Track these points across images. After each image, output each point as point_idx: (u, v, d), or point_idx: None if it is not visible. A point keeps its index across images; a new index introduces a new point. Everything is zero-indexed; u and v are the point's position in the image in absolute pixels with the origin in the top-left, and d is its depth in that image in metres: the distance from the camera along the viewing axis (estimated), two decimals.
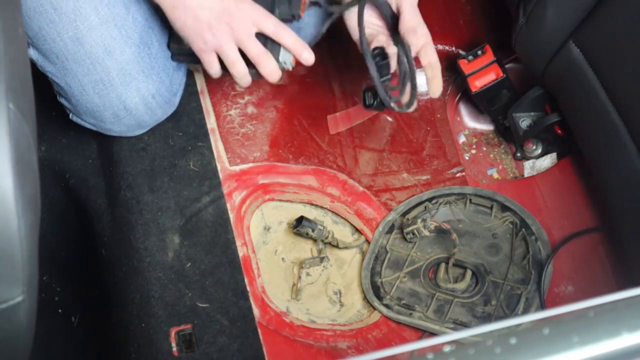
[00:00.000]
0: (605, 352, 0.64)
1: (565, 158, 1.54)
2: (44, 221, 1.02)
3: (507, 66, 1.55)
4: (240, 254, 1.37)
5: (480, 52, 1.50)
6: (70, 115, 1.40)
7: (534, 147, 1.56)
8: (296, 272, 1.44)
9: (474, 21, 1.67)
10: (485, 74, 1.50)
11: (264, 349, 1.29)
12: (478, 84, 1.49)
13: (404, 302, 1.40)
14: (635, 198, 1.30)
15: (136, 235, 1.36)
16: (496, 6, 1.64)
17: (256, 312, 1.32)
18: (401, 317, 1.39)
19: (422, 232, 1.44)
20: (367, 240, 1.48)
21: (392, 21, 1.33)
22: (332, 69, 1.64)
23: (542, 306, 1.38)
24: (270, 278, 1.41)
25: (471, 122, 1.63)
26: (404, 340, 1.39)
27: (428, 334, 1.38)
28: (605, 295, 0.69)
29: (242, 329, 1.30)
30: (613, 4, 1.28)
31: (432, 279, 1.43)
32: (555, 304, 1.40)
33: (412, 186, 1.54)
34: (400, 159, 1.56)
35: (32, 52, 1.31)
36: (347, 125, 1.59)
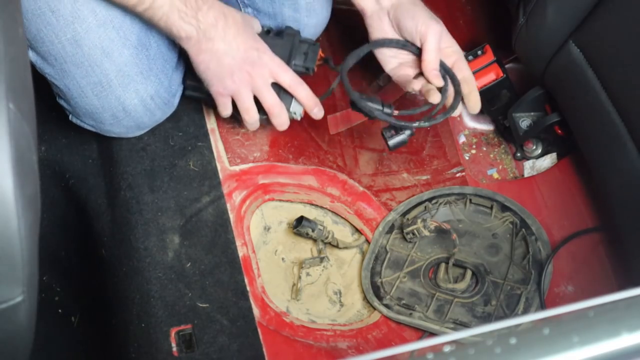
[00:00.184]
0: (605, 352, 0.64)
1: (565, 158, 1.54)
2: (44, 221, 1.02)
3: (507, 66, 1.55)
4: (240, 254, 1.37)
5: (480, 52, 1.50)
6: (70, 117, 1.40)
7: (534, 147, 1.56)
8: (296, 272, 1.44)
9: (474, 21, 1.67)
10: (485, 74, 1.50)
11: (264, 349, 1.28)
12: (478, 84, 1.49)
13: (404, 302, 1.40)
14: (635, 198, 1.30)
15: (136, 235, 1.36)
16: (496, 6, 1.64)
17: (256, 312, 1.32)
18: (401, 317, 1.39)
19: (422, 232, 1.43)
20: (367, 240, 1.48)
21: (418, 52, 1.34)
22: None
23: (542, 306, 1.38)
24: (270, 278, 1.41)
25: (471, 122, 1.63)
26: (404, 340, 1.39)
27: (428, 334, 1.38)
28: (605, 295, 0.69)
29: (242, 329, 1.30)
30: (613, 4, 1.28)
31: (432, 279, 1.43)
32: (555, 304, 1.40)
33: (412, 186, 1.53)
34: (400, 159, 1.56)
35: (31, 54, 1.31)
36: (347, 125, 1.59)
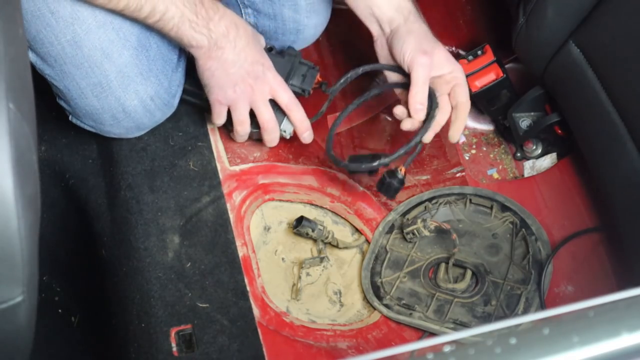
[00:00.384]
0: (605, 352, 0.64)
1: (565, 158, 1.54)
2: (44, 221, 1.02)
3: (507, 66, 1.54)
4: (240, 254, 1.37)
5: (480, 52, 1.50)
6: (70, 117, 1.40)
7: (534, 147, 1.56)
8: (296, 272, 1.44)
9: (474, 21, 1.67)
10: (485, 74, 1.49)
11: (264, 349, 1.28)
12: (478, 84, 1.49)
13: (404, 302, 1.40)
14: (635, 198, 1.30)
15: (136, 235, 1.36)
16: (496, 6, 1.64)
17: (256, 312, 1.32)
18: (401, 317, 1.39)
19: (422, 232, 1.43)
20: (367, 240, 1.48)
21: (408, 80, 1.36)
22: (332, 67, 1.64)
23: (542, 306, 1.38)
24: (270, 278, 1.41)
25: (471, 122, 1.63)
26: (404, 340, 1.39)
27: (428, 334, 1.38)
28: (605, 295, 0.69)
29: (242, 329, 1.30)
30: (613, 4, 1.28)
31: (432, 279, 1.43)
32: (555, 304, 1.40)
33: (412, 186, 1.53)
34: (400, 159, 1.56)
35: (31, 55, 1.31)
36: (347, 126, 1.59)
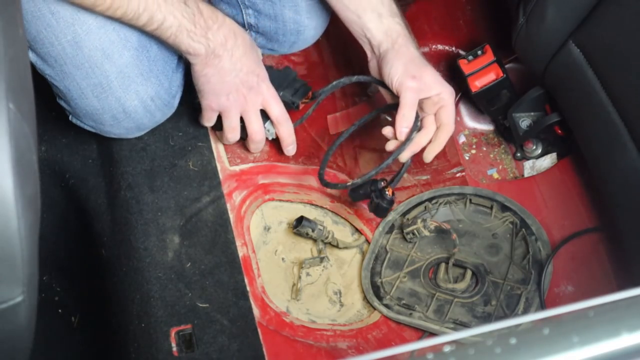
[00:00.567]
0: (605, 352, 0.64)
1: (565, 158, 1.54)
2: (44, 221, 1.02)
3: (507, 66, 1.54)
4: (240, 254, 1.37)
5: (480, 52, 1.49)
6: (70, 117, 1.40)
7: (534, 147, 1.56)
8: (296, 272, 1.44)
9: (474, 21, 1.67)
10: (485, 74, 1.49)
11: (264, 349, 1.28)
12: (478, 84, 1.49)
13: (404, 302, 1.40)
14: (635, 198, 1.30)
15: (136, 235, 1.36)
16: (496, 6, 1.64)
17: (256, 312, 1.32)
18: (401, 317, 1.39)
19: (422, 232, 1.43)
20: (367, 240, 1.48)
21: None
22: (333, 68, 1.64)
23: (542, 306, 1.38)
24: (270, 278, 1.41)
25: (471, 122, 1.63)
26: (404, 340, 1.39)
27: (428, 334, 1.38)
28: (605, 295, 0.69)
29: (242, 329, 1.30)
30: (613, 4, 1.27)
31: (432, 279, 1.43)
32: (555, 304, 1.40)
33: (412, 186, 1.53)
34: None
35: (31, 55, 1.31)
36: (347, 125, 1.59)
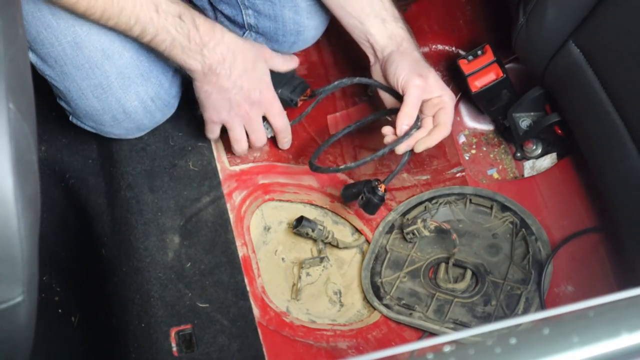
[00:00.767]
0: (605, 352, 0.64)
1: (565, 158, 1.54)
2: (44, 221, 1.01)
3: (507, 66, 1.54)
4: (240, 254, 1.37)
5: (480, 52, 1.49)
6: (70, 118, 1.40)
7: (534, 147, 1.56)
8: (296, 272, 1.44)
9: (474, 21, 1.67)
10: (485, 74, 1.49)
11: (264, 349, 1.28)
12: (478, 84, 1.49)
13: (404, 302, 1.40)
14: (635, 198, 1.30)
15: (136, 235, 1.36)
16: (496, 6, 1.64)
17: (256, 312, 1.32)
18: (401, 317, 1.39)
19: (422, 232, 1.43)
20: (367, 240, 1.48)
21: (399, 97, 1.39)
22: (333, 68, 1.64)
23: (542, 306, 1.38)
24: (270, 278, 1.41)
25: (471, 122, 1.63)
26: (404, 340, 1.39)
27: (428, 334, 1.38)
28: (605, 295, 0.69)
29: (242, 329, 1.30)
30: (613, 4, 1.27)
31: (432, 279, 1.43)
32: (555, 304, 1.40)
33: (412, 186, 1.53)
34: (400, 159, 1.56)
35: (31, 56, 1.31)
36: (347, 125, 1.59)
